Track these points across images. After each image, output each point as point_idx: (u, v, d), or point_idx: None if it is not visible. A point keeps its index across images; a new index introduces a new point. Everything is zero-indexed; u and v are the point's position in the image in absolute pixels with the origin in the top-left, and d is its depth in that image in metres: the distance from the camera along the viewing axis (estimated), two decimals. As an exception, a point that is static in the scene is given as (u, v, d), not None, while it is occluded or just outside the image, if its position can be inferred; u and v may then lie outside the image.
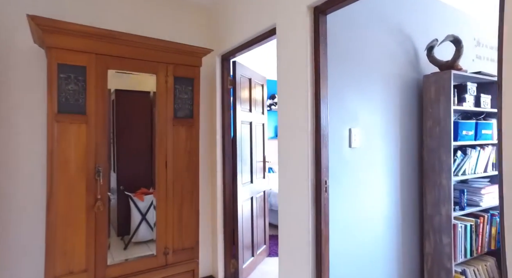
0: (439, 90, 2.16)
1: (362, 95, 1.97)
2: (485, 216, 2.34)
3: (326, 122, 1.66)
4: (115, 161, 2.60)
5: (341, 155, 1.85)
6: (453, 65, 2.16)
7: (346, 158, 1.88)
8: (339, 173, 1.84)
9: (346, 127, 1.88)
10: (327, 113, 1.67)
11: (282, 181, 1.83)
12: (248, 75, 2.93)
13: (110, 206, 1.89)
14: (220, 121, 2.58)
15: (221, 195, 2.60)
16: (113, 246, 2.79)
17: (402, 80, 2.23)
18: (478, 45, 2.95)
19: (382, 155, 2.10)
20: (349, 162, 1.89)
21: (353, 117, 1.92)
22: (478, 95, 2.31)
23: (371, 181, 2.02)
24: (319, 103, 1.64)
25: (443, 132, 2.14)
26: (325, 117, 1.66)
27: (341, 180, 1.85)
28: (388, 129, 2.13)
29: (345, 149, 1.87)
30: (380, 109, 2.08)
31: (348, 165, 1.89)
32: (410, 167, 2.29)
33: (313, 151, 1.65)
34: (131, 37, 1.77)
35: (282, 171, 1.83)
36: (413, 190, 2.31)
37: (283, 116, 1.82)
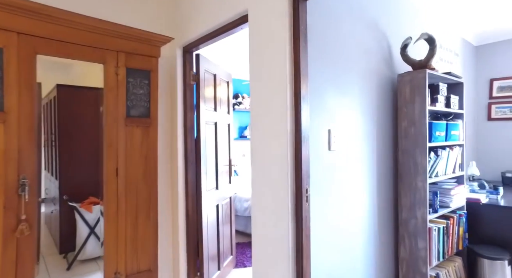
0: (414, 90, 2.09)
1: (340, 93, 1.82)
2: (454, 216, 2.33)
3: (307, 123, 1.47)
4: (58, 167, 2.19)
5: (320, 159, 1.67)
6: (427, 64, 2.10)
7: (325, 162, 1.71)
8: (318, 179, 1.66)
9: (325, 128, 1.71)
10: (308, 113, 1.48)
11: (257, 189, 1.61)
12: (212, 70, 2.66)
13: (39, 227, 1.52)
14: (181, 121, 2.29)
15: (184, 204, 2.30)
16: (53, 266, 2.35)
17: (377, 78, 2.13)
18: (440, 47, 3.00)
19: (361, 158, 1.97)
20: (328, 166, 1.73)
21: (332, 117, 1.76)
22: (448, 96, 2.30)
23: (350, 186, 1.88)
24: (300, 101, 1.44)
25: (419, 133, 2.08)
26: (306, 117, 1.46)
27: (320, 186, 1.67)
28: (365, 130, 2.02)
29: (324, 152, 1.70)
30: (358, 108, 1.95)
31: (327, 170, 1.72)
32: (386, 170, 2.20)
33: (292, 156, 1.45)
34: (69, 16, 1.42)
35: (257, 177, 1.60)
36: (389, 193, 2.23)
37: (257, 116, 1.60)
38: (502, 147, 3.63)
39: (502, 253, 2.35)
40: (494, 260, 2.33)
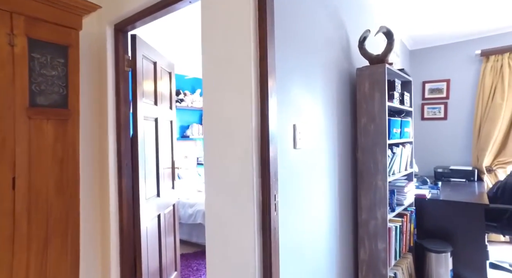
0: (374, 85, 2.01)
1: (305, 85, 1.62)
2: (407, 214, 2.34)
3: (275, 119, 1.23)
4: None
5: (284, 158, 1.44)
6: (384, 59, 2.04)
7: (290, 162, 1.49)
8: (281, 181, 1.43)
9: (290, 124, 1.49)
10: (276, 108, 1.24)
11: (213, 197, 1.31)
12: (152, 57, 2.26)
13: None
14: (113, 115, 1.86)
15: (117, 219, 1.87)
16: None
17: (337, 71, 2.00)
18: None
19: (324, 157, 1.81)
20: (293, 166, 1.51)
21: (297, 111, 1.55)
22: (402, 92, 2.29)
23: (314, 188, 1.70)
24: (267, 94, 1.19)
25: (378, 130, 2.00)
26: (274, 112, 1.22)
27: (283, 189, 1.44)
28: (328, 127, 1.86)
29: (289, 150, 1.48)
30: (321, 103, 1.79)
31: (291, 170, 1.50)
32: (346, 169, 2.09)
33: (258, 157, 1.19)
34: None
35: (212, 185, 1.30)
36: (349, 194, 2.12)
37: (213, 111, 1.30)
38: (434, 145, 3.91)
39: (445, 246, 2.43)
40: (439, 253, 2.40)
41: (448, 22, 3.23)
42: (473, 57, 3.64)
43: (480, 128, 3.56)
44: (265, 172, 1.18)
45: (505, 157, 3.44)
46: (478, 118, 3.57)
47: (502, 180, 2.83)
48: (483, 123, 3.53)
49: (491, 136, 3.45)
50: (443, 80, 3.83)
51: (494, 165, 3.51)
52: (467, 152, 3.71)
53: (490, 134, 3.46)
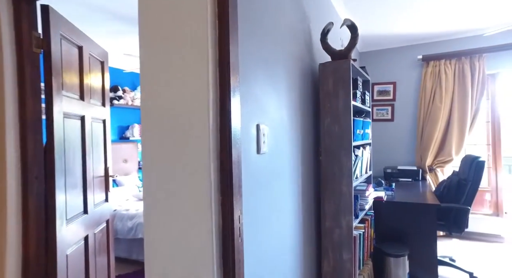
0: (338, 82, 1.85)
1: (269, 80, 1.37)
2: (368, 219, 2.25)
3: (238, 120, 0.95)
4: None
5: (247, 166, 1.17)
6: (348, 54, 1.90)
7: (254, 170, 1.22)
8: (245, 195, 1.16)
9: (253, 124, 1.22)
10: (238, 102, 0.96)
11: (155, 218, 0.97)
12: (77, 40, 1.81)
13: None
14: (14, 112, 1.38)
15: (19, 253, 1.39)
16: None
17: (301, 66, 1.80)
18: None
19: (289, 162, 1.58)
20: (257, 176, 1.25)
21: (261, 109, 1.30)
22: (364, 91, 2.19)
23: (278, 200, 1.45)
24: (228, 83, 0.90)
25: (343, 131, 1.85)
26: (237, 112, 0.94)
27: (248, 205, 1.17)
28: (292, 127, 1.64)
29: (252, 156, 1.21)
30: (286, 100, 1.56)
31: (255, 181, 1.23)
32: (309, 174, 1.89)
33: (217, 167, 0.89)
34: None
35: (155, 201, 0.97)
36: (312, 201, 1.93)
37: (155, 108, 0.97)
38: (383, 145, 4.01)
39: (403, 249, 2.40)
40: (398, 257, 2.35)
41: (396, 26, 3.30)
42: (416, 62, 3.80)
43: (423, 130, 3.72)
44: (226, 187, 0.89)
45: (443, 156, 3.64)
46: (421, 120, 3.73)
47: (446, 179, 2.95)
48: (425, 125, 3.69)
49: (432, 137, 3.63)
50: (390, 83, 3.94)
51: (434, 164, 3.69)
52: (411, 152, 3.86)
53: (432, 135, 3.63)
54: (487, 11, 2.95)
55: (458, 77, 3.56)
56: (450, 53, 3.58)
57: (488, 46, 3.45)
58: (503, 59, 3.45)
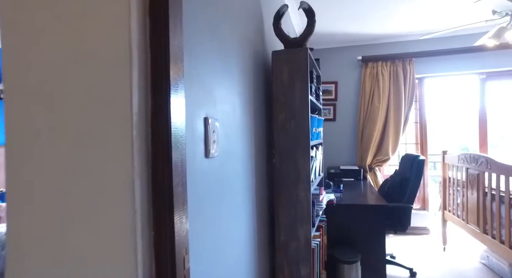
0: (294, 73, 1.61)
1: (220, 67, 1.04)
2: (322, 226, 2.07)
3: (182, 118, 0.60)
4: None
5: (192, 175, 0.83)
6: (303, 43, 1.68)
7: (201, 180, 0.88)
8: (190, 212, 0.81)
9: (199, 117, 0.88)
10: (183, 102, 0.62)
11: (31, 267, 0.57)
12: None
13: None
14: None
15: None
16: None
17: (254, 53, 1.51)
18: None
19: (242, 167, 1.27)
20: (205, 188, 0.91)
21: (210, 97, 0.96)
22: (318, 86, 2.00)
23: (231, 214, 1.13)
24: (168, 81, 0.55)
25: (300, 128, 1.61)
26: (180, 108, 0.59)
27: (194, 234, 0.83)
28: (246, 123, 1.34)
29: (198, 160, 0.87)
30: (238, 89, 1.25)
31: (203, 194, 0.90)
32: (262, 179, 1.62)
33: (147, 184, 0.54)
34: None
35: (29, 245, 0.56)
36: (266, 211, 1.66)
37: (35, 102, 0.56)
38: (326, 145, 3.98)
39: (355, 254, 2.29)
40: (351, 264, 2.23)
41: (338, 25, 3.27)
42: (356, 62, 3.85)
43: (363, 130, 3.78)
44: (162, 216, 0.54)
45: (381, 156, 3.75)
46: (361, 120, 3.79)
47: (390, 178, 2.99)
48: (365, 125, 3.76)
49: (372, 137, 3.71)
50: (331, 82, 3.93)
51: (373, 163, 3.79)
52: (352, 151, 3.90)
53: (371, 135, 3.71)
54: (421, 18, 3.09)
55: (393, 79, 3.70)
56: (385, 55, 3.71)
57: (416, 52, 3.66)
58: (429, 65, 3.69)
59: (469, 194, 2.79)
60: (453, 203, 3.15)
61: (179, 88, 0.58)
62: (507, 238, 2.30)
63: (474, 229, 2.71)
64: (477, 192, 2.66)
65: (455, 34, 3.48)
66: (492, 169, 2.48)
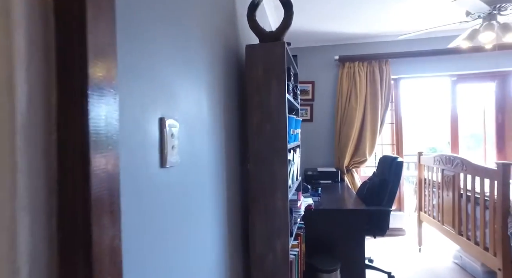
0: (270, 70, 1.47)
1: (182, 59, 0.87)
2: (301, 233, 1.94)
3: (114, 114, 0.43)
4: None
5: (141, 190, 0.66)
6: (280, 37, 1.54)
7: (153, 194, 0.71)
8: (140, 240, 0.64)
9: (153, 118, 0.71)
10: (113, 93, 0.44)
11: None
12: None
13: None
14: None
15: None
16: None
17: (226, 48, 1.35)
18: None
19: (211, 175, 1.10)
20: (160, 202, 0.74)
21: (170, 95, 0.79)
22: (295, 84, 1.87)
23: (197, 227, 0.97)
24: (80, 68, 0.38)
25: (277, 130, 1.47)
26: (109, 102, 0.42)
27: (140, 247, 0.66)
28: (216, 125, 1.17)
29: (151, 171, 0.70)
30: (205, 89, 1.08)
31: (158, 210, 0.73)
32: (236, 187, 1.46)
33: (44, 228, 0.36)
34: None
35: None
36: (239, 223, 1.50)
37: None
38: (304, 146, 3.88)
39: (335, 263, 2.18)
40: (330, 272, 2.13)
41: (314, 23, 3.18)
42: (333, 62, 3.78)
43: (340, 130, 3.72)
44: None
45: (359, 157, 3.71)
46: (338, 121, 3.73)
47: (368, 180, 2.93)
48: (343, 126, 3.70)
49: (349, 138, 3.65)
50: (308, 82, 3.84)
51: (351, 165, 3.73)
52: (330, 153, 3.83)
53: (349, 136, 3.65)
54: (397, 18, 3.06)
55: (369, 80, 3.67)
56: (362, 55, 3.67)
57: (392, 52, 3.65)
58: (404, 66, 3.70)
59: (445, 195, 2.79)
60: (429, 204, 3.15)
61: (105, 85, 0.41)
62: (482, 239, 2.30)
63: (450, 230, 2.70)
64: (452, 193, 2.65)
65: (430, 36, 3.50)
66: (467, 170, 2.48)
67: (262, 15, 2.18)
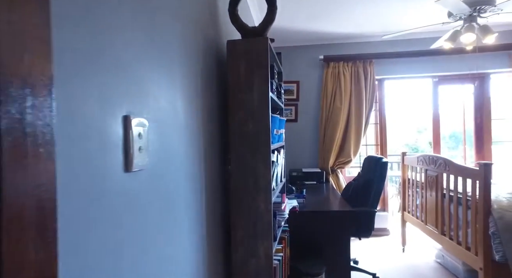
0: (253, 66, 1.40)
1: (155, 55, 0.79)
2: (285, 237, 1.88)
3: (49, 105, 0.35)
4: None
5: (99, 200, 0.57)
6: (263, 32, 1.48)
7: (114, 203, 0.63)
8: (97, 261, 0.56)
9: (114, 116, 0.62)
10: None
11: None
12: None
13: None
14: None
15: None
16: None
17: (206, 42, 1.27)
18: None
19: (186, 179, 1.02)
20: (124, 211, 0.66)
21: (137, 94, 0.71)
22: (279, 83, 1.81)
23: (172, 238, 0.88)
24: None
25: (260, 130, 1.40)
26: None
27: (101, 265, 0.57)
28: (192, 124, 1.09)
29: (113, 176, 0.61)
30: (181, 85, 1.00)
31: (122, 221, 0.64)
32: (216, 190, 1.38)
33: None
34: None
35: None
36: (219, 226, 1.42)
37: None
38: (287, 147, 3.83)
39: (320, 266, 2.14)
40: (316, 277, 2.07)
41: (299, 23, 3.14)
42: (318, 62, 3.75)
43: (325, 131, 3.69)
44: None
45: (344, 157, 3.70)
46: (323, 121, 3.70)
47: (353, 181, 2.90)
48: (328, 126, 3.67)
49: (334, 138, 3.63)
50: (293, 82, 3.79)
51: (335, 165, 3.71)
52: (314, 153, 3.80)
53: (333, 136, 3.63)
54: (381, 19, 3.06)
55: (354, 80, 3.66)
56: (347, 55, 3.66)
57: (376, 53, 3.66)
58: (388, 66, 3.71)
59: (428, 195, 2.80)
60: (412, 204, 3.17)
61: (34, 73, 0.33)
62: (464, 239, 2.31)
63: (433, 230, 2.71)
64: (435, 193, 2.67)
65: (413, 38, 3.53)
66: (450, 171, 2.49)
67: (245, 12, 2.11)
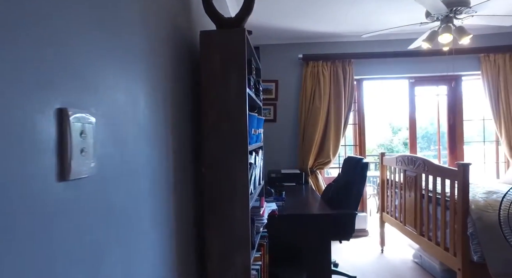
0: (229, 59, 1.27)
1: (107, 38, 0.65)
2: (264, 243, 1.77)
3: None
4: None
5: (19, 219, 0.43)
6: (240, 24, 1.36)
7: (48, 223, 0.49)
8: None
9: (44, 110, 0.48)
10: None
11: None
12: None
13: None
14: None
15: None
16: None
17: (175, 31, 1.13)
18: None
19: (149, 183, 0.88)
20: (56, 234, 0.52)
21: (78, 84, 0.56)
22: (257, 79, 1.70)
23: (130, 258, 0.74)
24: None
25: (236, 130, 1.28)
26: None
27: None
28: (157, 123, 0.95)
29: (40, 187, 0.47)
30: (143, 77, 0.86)
31: (54, 246, 0.50)
32: (188, 197, 1.24)
33: None
34: None
35: None
36: (192, 238, 1.28)
37: None
38: (268, 147, 3.72)
39: (300, 272, 2.04)
40: (296, 282, 1.98)
41: (278, 20, 3.05)
42: (297, 61, 3.68)
43: (304, 131, 3.62)
44: None
45: (323, 158, 3.64)
46: (302, 121, 3.63)
47: (332, 183, 2.84)
48: (307, 126, 3.61)
49: (313, 138, 3.57)
50: (272, 81, 3.70)
51: (315, 166, 3.65)
52: (293, 154, 3.72)
53: (313, 136, 3.57)
54: (361, 18, 3.03)
55: (333, 80, 3.62)
56: (326, 55, 3.61)
57: (355, 53, 3.64)
58: (367, 67, 3.70)
59: (407, 195, 2.79)
60: (391, 205, 3.16)
61: None
62: (442, 239, 2.30)
63: (412, 231, 2.70)
64: (414, 193, 2.66)
65: (391, 38, 3.53)
66: (428, 171, 2.48)
67: (221, 3, 1.98)
